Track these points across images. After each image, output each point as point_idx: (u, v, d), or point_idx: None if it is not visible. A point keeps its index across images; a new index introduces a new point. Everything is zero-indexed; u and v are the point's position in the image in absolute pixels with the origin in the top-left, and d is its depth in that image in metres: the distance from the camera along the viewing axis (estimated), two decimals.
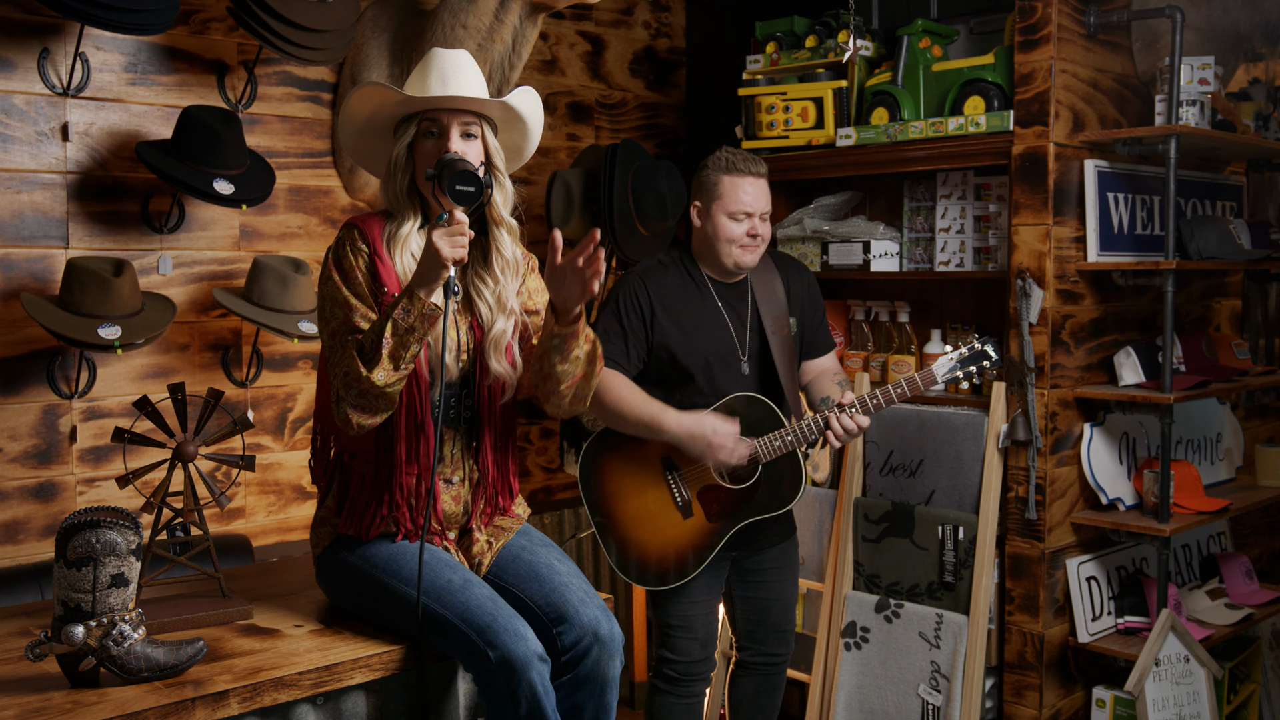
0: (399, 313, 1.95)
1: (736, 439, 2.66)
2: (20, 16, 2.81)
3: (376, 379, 1.96)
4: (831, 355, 3.00)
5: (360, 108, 2.15)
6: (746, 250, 2.77)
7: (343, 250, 2.10)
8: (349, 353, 2.00)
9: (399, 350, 1.96)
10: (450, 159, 2.04)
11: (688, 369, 2.76)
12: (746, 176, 2.75)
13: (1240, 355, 3.58)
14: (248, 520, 3.24)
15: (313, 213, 3.35)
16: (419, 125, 2.12)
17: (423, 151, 2.12)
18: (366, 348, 1.98)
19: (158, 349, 3.07)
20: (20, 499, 2.87)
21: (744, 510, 2.74)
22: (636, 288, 2.79)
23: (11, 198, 2.83)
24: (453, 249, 1.95)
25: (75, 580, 1.82)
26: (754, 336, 2.83)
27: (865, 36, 3.46)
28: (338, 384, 2.01)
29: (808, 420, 2.68)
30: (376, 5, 3.37)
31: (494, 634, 1.94)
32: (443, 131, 2.11)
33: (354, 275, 2.07)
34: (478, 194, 1.99)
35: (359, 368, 1.96)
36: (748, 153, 2.81)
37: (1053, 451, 3.13)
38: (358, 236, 2.10)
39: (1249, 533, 3.85)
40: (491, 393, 2.18)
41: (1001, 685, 3.23)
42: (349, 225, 2.13)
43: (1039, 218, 3.08)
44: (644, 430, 2.70)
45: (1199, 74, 3.14)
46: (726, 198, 2.75)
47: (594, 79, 4.13)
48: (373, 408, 2.00)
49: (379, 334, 1.96)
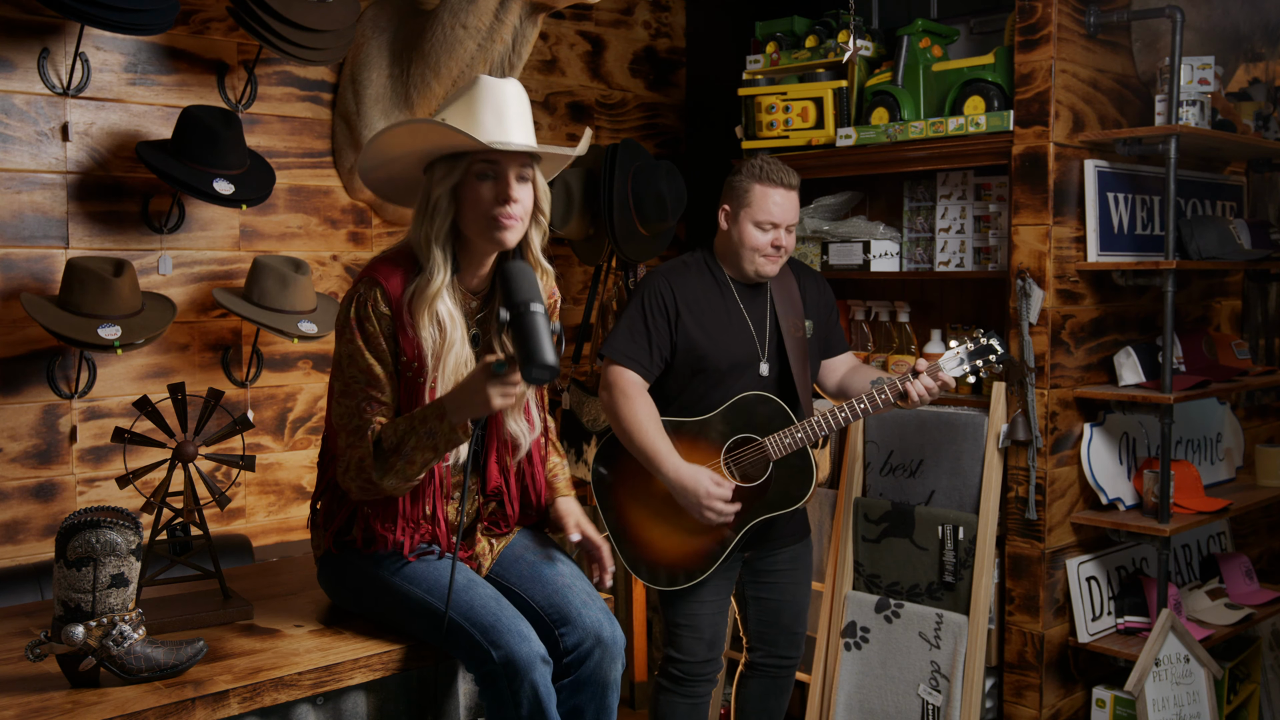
0: (424, 430, 1.91)
1: (727, 503, 2.66)
2: (20, 16, 2.81)
3: (385, 485, 1.96)
4: (850, 355, 3.04)
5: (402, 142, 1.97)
6: (769, 260, 2.78)
7: (364, 312, 1.97)
8: (365, 441, 1.97)
9: (415, 463, 1.94)
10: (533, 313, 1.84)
11: (710, 370, 2.77)
12: (778, 188, 2.75)
13: (1240, 355, 3.58)
14: (248, 520, 3.24)
15: (313, 213, 3.35)
16: (469, 166, 1.96)
17: (475, 196, 1.96)
18: (384, 449, 1.96)
19: (158, 349, 3.07)
20: (20, 499, 2.87)
21: (756, 508, 2.74)
22: (661, 287, 2.78)
23: (11, 198, 2.83)
24: (503, 400, 1.87)
25: (75, 580, 1.82)
26: (772, 338, 2.83)
27: (865, 36, 3.46)
28: (350, 462, 1.98)
29: (817, 418, 2.69)
30: (376, 5, 3.37)
31: (497, 634, 1.94)
32: (500, 175, 1.95)
33: (376, 340, 1.98)
34: (548, 380, 1.83)
35: (371, 468, 1.95)
36: (782, 163, 2.79)
37: (1053, 451, 3.13)
38: (380, 299, 1.97)
39: (1249, 533, 3.85)
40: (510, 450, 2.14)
41: (1001, 685, 3.23)
42: (371, 281, 1.99)
43: (1039, 218, 3.08)
44: (643, 459, 2.71)
45: (1199, 74, 3.14)
46: (755, 206, 2.75)
47: (594, 79, 4.13)
48: (375, 498, 2.02)
49: (399, 441, 1.93)
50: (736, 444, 2.74)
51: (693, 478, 2.66)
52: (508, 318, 1.85)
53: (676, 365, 2.79)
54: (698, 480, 2.65)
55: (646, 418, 2.71)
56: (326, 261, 3.37)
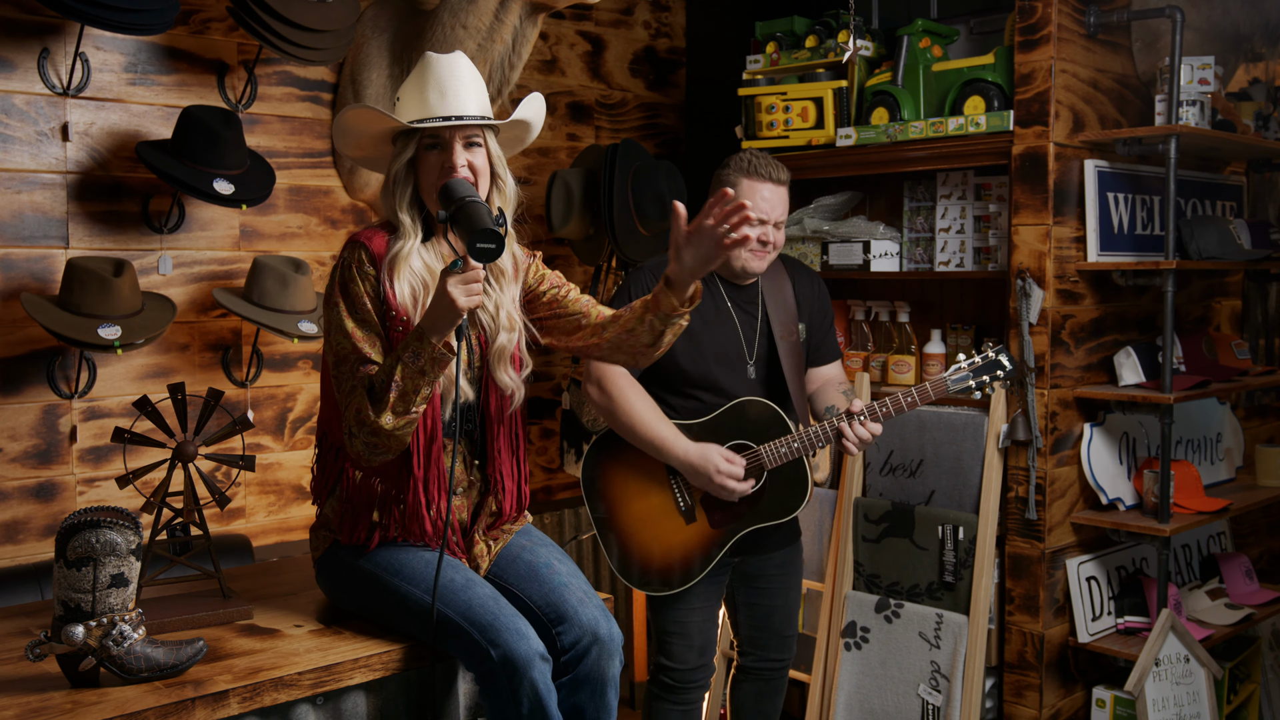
0: (409, 356, 1.92)
1: (739, 479, 2.65)
2: (20, 16, 2.81)
3: (385, 423, 1.95)
4: (837, 365, 2.97)
5: (354, 124, 2.10)
6: (755, 255, 2.74)
7: (349, 273, 2.05)
8: (359, 392, 1.98)
9: (409, 394, 1.94)
10: (462, 196, 1.94)
11: (694, 370, 2.75)
12: (766, 182, 2.73)
13: (1240, 355, 3.59)
14: (248, 520, 3.24)
15: (313, 213, 3.35)
16: (419, 140, 2.07)
17: (426, 165, 2.07)
18: (376, 389, 1.96)
19: (158, 349, 3.07)
20: (20, 499, 2.87)
21: (748, 517, 2.73)
22: (647, 280, 2.78)
23: (11, 198, 2.83)
24: (468, 298, 1.90)
25: (75, 580, 1.82)
26: (762, 340, 2.81)
27: (865, 36, 3.46)
28: (350, 420, 1.99)
29: (815, 428, 2.67)
30: (376, 5, 3.37)
31: (496, 632, 1.94)
32: (445, 145, 2.06)
33: (361, 301, 2.03)
34: (499, 250, 1.87)
35: (368, 411, 1.95)
36: (771, 158, 2.78)
37: (1053, 451, 3.13)
38: (364, 258, 2.05)
39: (1249, 533, 3.85)
40: (499, 404, 2.17)
41: (1001, 685, 3.23)
42: (354, 243, 2.07)
43: (1039, 218, 3.08)
44: (650, 449, 2.70)
45: (1199, 74, 3.14)
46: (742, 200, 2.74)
47: (594, 79, 4.13)
48: (384, 447, 1.99)
49: (389, 376, 1.94)
50: (731, 450, 2.72)
51: (702, 456, 2.65)
52: (447, 216, 1.94)
53: (662, 363, 2.78)
54: (707, 458, 2.64)
55: (645, 408, 2.70)
56: (326, 261, 3.37)
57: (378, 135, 2.13)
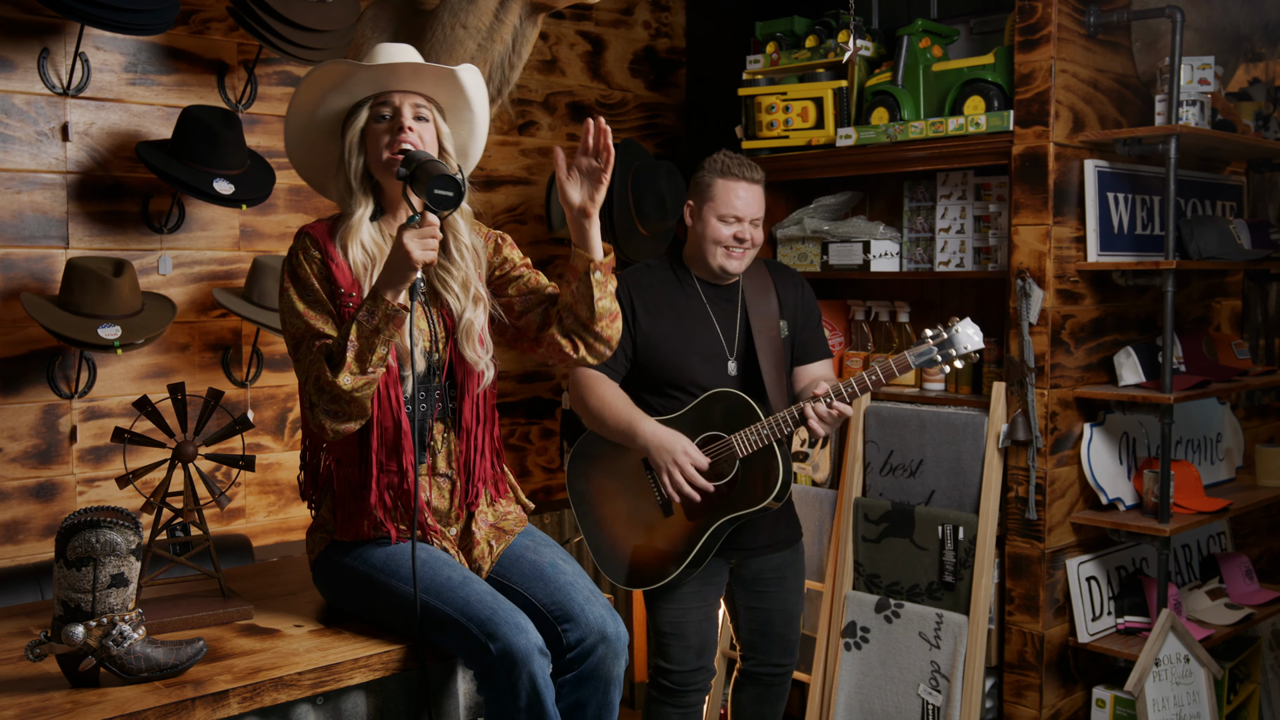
0: (363, 315, 1.94)
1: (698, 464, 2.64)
2: (20, 16, 2.81)
3: (343, 383, 1.95)
4: (825, 364, 2.94)
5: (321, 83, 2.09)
6: (731, 256, 2.76)
7: (296, 260, 2.09)
8: (317, 357, 1.99)
9: (365, 353, 1.95)
10: (423, 158, 1.98)
11: (671, 368, 2.76)
12: (740, 181, 2.76)
13: (1240, 355, 3.59)
14: (248, 520, 3.24)
15: (313, 213, 3.35)
16: (370, 110, 2.10)
17: (373, 136, 2.09)
18: (334, 352, 1.97)
19: (158, 349, 3.07)
20: (20, 499, 2.87)
21: (722, 508, 2.70)
22: (619, 288, 2.78)
23: (11, 198, 2.83)
24: (424, 251, 1.92)
25: (75, 580, 1.82)
26: (742, 337, 2.82)
27: (865, 36, 3.46)
28: (310, 390, 2.00)
29: (783, 413, 2.66)
30: (376, 5, 3.37)
31: (495, 626, 1.94)
32: (395, 113, 2.09)
33: (309, 283, 2.07)
34: (457, 199, 1.90)
35: (326, 373, 1.96)
36: (745, 158, 2.80)
37: (1053, 451, 3.13)
38: (309, 243, 2.10)
39: (1249, 533, 3.85)
40: (468, 382, 2.17)
41: (1001, 685, 3.23)
42: (299, 234, 2.12)
43: (1039, 218, 3.08)
44: (620, 437, 2.70)
45: (1199, 74, 3.14)
46: (718, 200, 2.75)
47: (594, 79, 4.13)
48: (345, 414, 2.00)
49: (344, 339, 1.95)
50: (704, 442, 2.72)
51: (671, 436, 2.65)
52: (407, 174, 1.96)
53: (641, 364, 2.78)
54: (675, 439, 2.65)
55: (614, 397, 2.71)
56: None
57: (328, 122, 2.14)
